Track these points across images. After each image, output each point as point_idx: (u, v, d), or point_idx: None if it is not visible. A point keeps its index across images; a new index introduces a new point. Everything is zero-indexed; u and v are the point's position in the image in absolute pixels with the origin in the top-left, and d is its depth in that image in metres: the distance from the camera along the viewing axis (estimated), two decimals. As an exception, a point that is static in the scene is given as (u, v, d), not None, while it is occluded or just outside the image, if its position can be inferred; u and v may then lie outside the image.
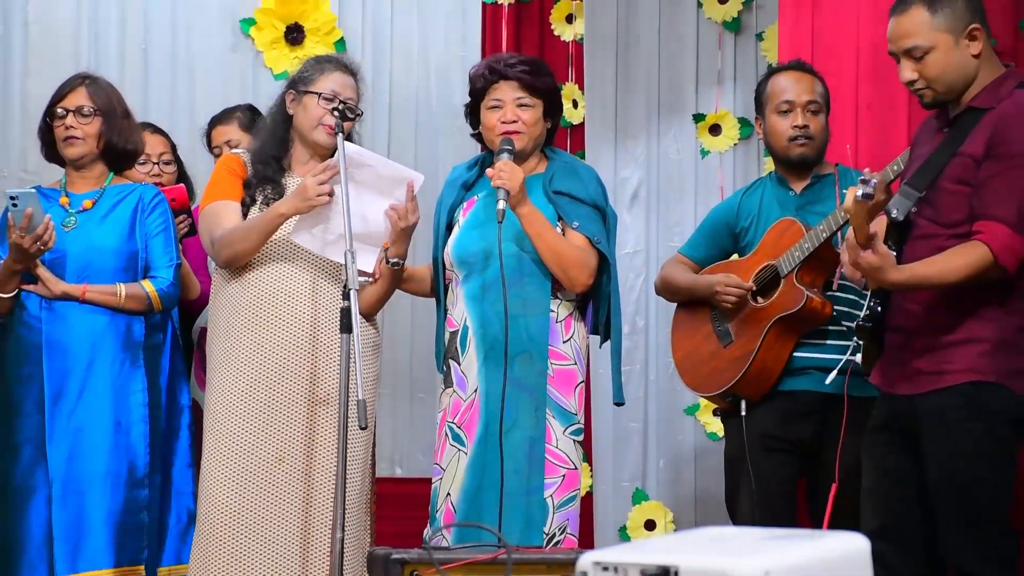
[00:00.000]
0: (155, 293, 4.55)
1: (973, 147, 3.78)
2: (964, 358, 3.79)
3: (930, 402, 3.81)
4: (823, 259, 4.51)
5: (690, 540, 2.22)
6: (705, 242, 4.88)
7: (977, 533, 3.77)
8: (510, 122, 4.38)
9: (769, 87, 4.71)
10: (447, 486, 4.34)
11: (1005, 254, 3.68)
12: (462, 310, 4.40)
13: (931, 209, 3.85)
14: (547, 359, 4.33)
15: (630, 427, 5.98)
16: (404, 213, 4.20)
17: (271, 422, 4.25)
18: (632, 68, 6.02)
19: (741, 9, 5.96)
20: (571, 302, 4.42)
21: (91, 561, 4.39)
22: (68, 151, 4.60)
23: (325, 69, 4.41)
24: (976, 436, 3.76)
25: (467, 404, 4.36)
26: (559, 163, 4.50)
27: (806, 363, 4.55)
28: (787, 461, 4.60)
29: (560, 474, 4.31)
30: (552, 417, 4.32)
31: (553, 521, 4.27)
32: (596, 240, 4.39)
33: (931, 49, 3.82)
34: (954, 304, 3.81)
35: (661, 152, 6.02)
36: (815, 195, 4.68)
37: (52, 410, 4.44)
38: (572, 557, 3.23)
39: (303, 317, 4.30)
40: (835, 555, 2.18)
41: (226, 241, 4.30)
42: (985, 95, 3.83)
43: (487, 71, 4.45)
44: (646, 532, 5.93)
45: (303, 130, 4.39)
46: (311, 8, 6.22)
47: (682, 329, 4.86)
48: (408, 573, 3.05)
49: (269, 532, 4.22)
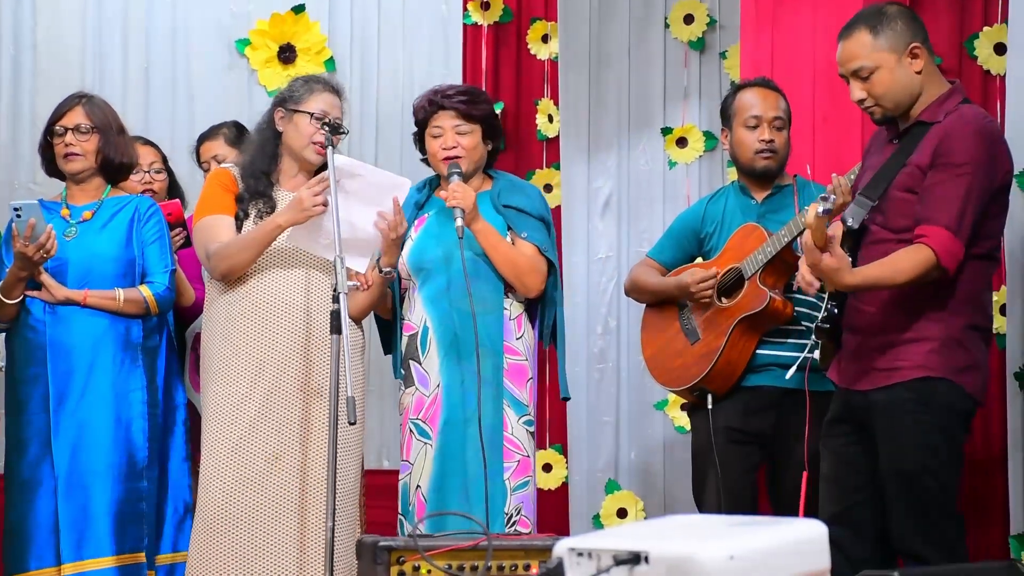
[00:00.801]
0: (152, 297, 4.55)
1: (920, 158, 3.81)
2: (915, 355, 3.81)
3: (883, 396, 3.83)
4: (784, 262, 4.51)
5: (659, 527, 2.21)
6: (672, 246, 4.88)
7: (924, 519, 3.78)
8: (450, 148, 4.46)
9: (737, 102, 4.70)
10: (416, 479, 4.38)
11: (946, 256, 3.71)
12: (420, 313, 4.45)
13: (882, 216, 3.88)
14: (503, 354, 4.40)
15: (603, 421, 5.98)
16: (393, 225, 4.21)
17: (267, 423, 4.24)
18: (604, 85, 6.01)
19: (705, 30, 5.96)
20: (521, 303, 4.50)
21: (95, 549, 4.39)
22: (68, 166, 4.59)
23: (314, 89, 4.39)
24: (924, 428, 3.78)
25: (430, 399, 4.40)
26: (504, 181, 4.59)
27: (768, 360, 4.55)
28: (749, 452, 4.61)
29: (516, 459, 4.39)
30: (508, 407, 4.40)
31: (510, 502, 4.35)
32: (544, 248, 4.48)
33: (876, 69, 3.86)
34: (905, 305, 3.83)
35: (631, 163, 6.02)
36: (776, 204, 4.69)
37: (57, 408, 4.44)
38: (549, 543, 3.22)
39: (297, 322, 4.29)
40: (795, 540, 2.18)
41: (223, 254, 4.27)
42: (932, 110, 3.87)
43: (427, 103, 4.53)
44: (618, 520, 5.92)
45: (294, 147, 4.37)
46: (302, 29, 6.21)
47: (651, 328, 4.85)
48: (395, 560, 3.04)
49: (266, 523, 4.20)
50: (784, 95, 4.72)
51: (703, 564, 2.01)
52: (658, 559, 2.04)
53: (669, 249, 4.88)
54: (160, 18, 6.23)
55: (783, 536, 2.16)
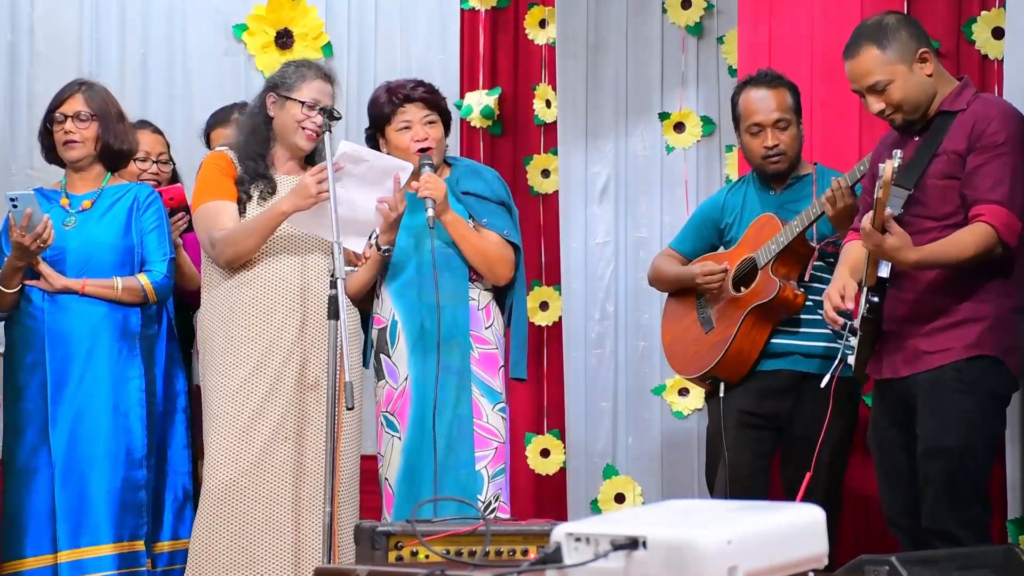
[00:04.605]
0: (150, 285, 4.54)
1: (954, 144, 3.90)
2: (966, 336, 3.88)
3: (928, 378, 3.89)
4: (797, 252, 4.54)
5: (657, 512, 2.21)
6: (692, 236, 4.91)
7: (960, 500, 3.83)
8: (422, 140, 4.46)
9: (741, 106, 4.69)
10: (384, 471, 4.41)
11: (1005, 231, 3.80)
12: (389, 307, 4.45)
13: (920, 206, 3.94)
14: (470, 344, 4.41)
15: (601, 406, 5.97)
16: (394, 204, 4.21)
17: (269, 406, 4.24)
18: (601, 70, 6.00)
19: (703, 14, 5.94)
20: (488, 291, 4.50)
21: (92, 537, 4.39)
22: (68, 154, 4.58)
23: (306, 76, 4.38)
24: (968, 407, 3.85)
25: (399, 392, 4.41)
26: (461, 167, 4.60)
27: (782, 349, 4.57)
28: (763, 437, 4.61)
29: (492, 447, 4.41)
30: (481, 396, 4.42)
31: (488, 490, 4.36)
32: (506, 233, 4.50)
33: (891, 81, 3.94)
34: (951, 289, 3.90)
35: (629, 149, 6.01)
36: (795, 195, 4.70)
37: (55, 395, 4.44)
38: (547, 529, 3.22)
39: (293, 306, 4.30)
40: (793, 525, 2.18)
41: (229, 241, 4.27)
42: (950, 100, 3.96)
43: (391, 98, 4.51)
44: (616, 505, 5.92)
45: (284, 133, 4.37)
46: (300, 15, 6.20)
47: (671, 317, 4.91)
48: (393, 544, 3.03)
49: (266, 506, 4.21)
50: (790, 86, 4.70)
51: (701, 549, 2.01)
52: (656, 544, 2.04)
53: (690, 239, 4.91)
54: (157, 3, 6.22)
55: (781, 521, 2.16)
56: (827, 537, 2.22)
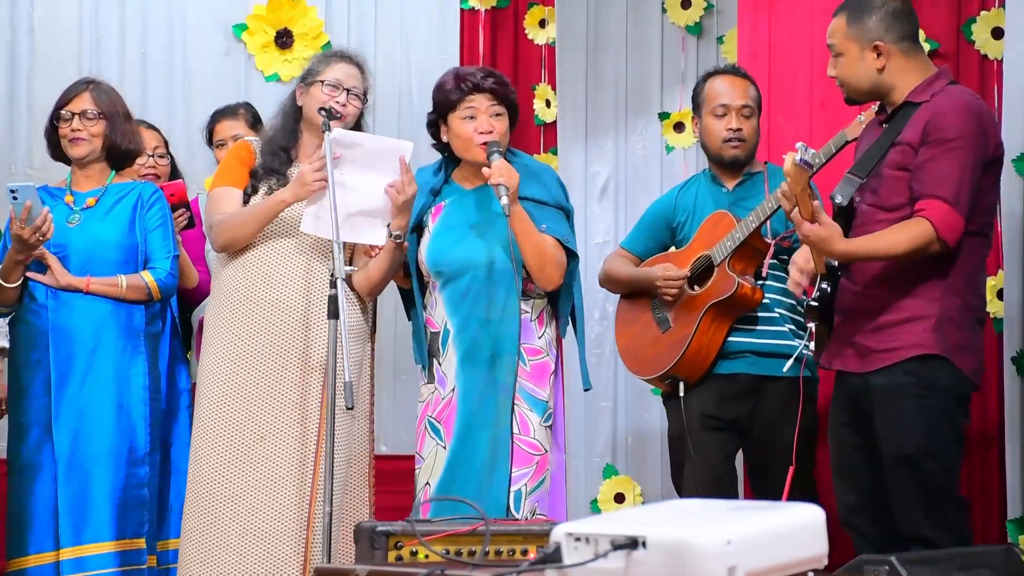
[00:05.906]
0: (154, 283, 4.54)
1: (910, 136, 3.84)
2: (911, 335, 3.82)
3: (882, 379, 3.83)
4: (753, 248, 4.52)
5: (657, 512, 2.21)
6: (644, 236, 4.88)
7: (929, 502, 3.79)
8: (486, 132, 4.28)
9: (706, 90, 4.71)
10: (427, 475, 4.32)
11: (945, 229, 3.72)
12: (442, 314, 4.35)
13: (873, 195, 3.90)
14: (517, 360, 4.26)
15: (600, 407, 5.98)
16: (401, 187, 4.16)
17: (261, 398, 4.23)
18: (601, 69, 6.01)
19: (703, 14, 5.95)
20: (541, 299, 4.38)
21: (95, 534, 4.39)
22: (73, 151, 4.58)
23: (330, 61, 4.39)
24: (925, 411, 3.79)
25: (445, 401, 4.32)
26: (519, 167, 4.33)
27: (740, 347, 4.56)
28: (727, 438, 4.61)
29: (534, 462, 4.28)
30: (530, 411, 4.29)
31: (525, 507, 4.25)
32: (565, 239, 4.35)
33: (841, 53, 3.95)
34: (899, 284, 3.84)
35: (628, 148, 6.01)
36: (746, 192, 4.69)
37: (58, 393, 4.43)
38: (547, 529, 3.22)
39: (296, 297, 4.28)
40: (792, 525, 2.18)
41: (224, 226, 4.28)
42: (919, 91, 3.90)
43: (458, 85, 4.33)
44: (616, 505, 5.93)
45: (310, 117, 4.36)
46: (299, 14, 6.20)
47: (625, 319, 4.86)
48: (393, 544, 3.03)
49: (259, 503, 4.20)
50: (755, 83, 4.72)
51: (700, 549, 2.01)
52: (656, 544, 2.04)
53: (642, 239, 4.88)
54: (157, 2, 6.22)
55: (781, 521, 2.16)
56: (827, 537, 2.21)
